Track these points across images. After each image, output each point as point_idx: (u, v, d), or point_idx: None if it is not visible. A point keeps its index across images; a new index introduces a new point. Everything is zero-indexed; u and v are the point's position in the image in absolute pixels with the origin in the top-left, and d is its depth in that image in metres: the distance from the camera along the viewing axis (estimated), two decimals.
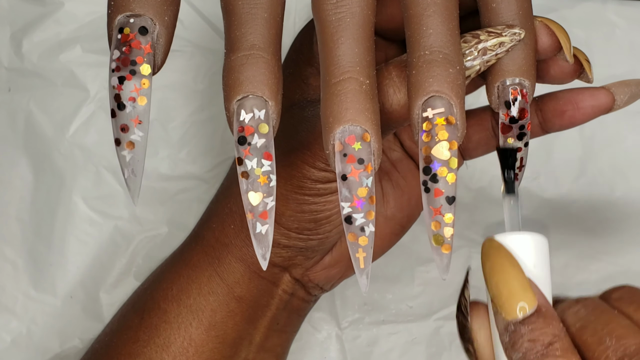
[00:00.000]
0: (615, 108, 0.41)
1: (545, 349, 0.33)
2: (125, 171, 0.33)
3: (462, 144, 0.44)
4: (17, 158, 0.53)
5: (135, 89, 0.32)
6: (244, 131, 0.32)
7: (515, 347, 0.34)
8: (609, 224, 0.55)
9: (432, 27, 0.33)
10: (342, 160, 0.32)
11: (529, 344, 0.34)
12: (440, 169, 0.32)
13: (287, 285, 0.46)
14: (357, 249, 0.33)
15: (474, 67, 0.35)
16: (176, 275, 0.46)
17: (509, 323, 0.34)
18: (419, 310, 0.53)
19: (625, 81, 0.41)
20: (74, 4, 0.54)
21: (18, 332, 0.51)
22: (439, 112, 0.32)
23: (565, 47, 0.37)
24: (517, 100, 0.35)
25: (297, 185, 0.40)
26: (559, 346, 0.33)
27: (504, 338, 0.34)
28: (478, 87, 0.44)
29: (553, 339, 0.34)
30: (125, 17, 0.32)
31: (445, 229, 0.32)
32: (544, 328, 0.34)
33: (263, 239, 0.33)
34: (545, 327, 0.34)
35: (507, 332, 0.34)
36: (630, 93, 0.41)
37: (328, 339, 0.53)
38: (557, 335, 0.34)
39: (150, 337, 0.45)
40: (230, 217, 0.45)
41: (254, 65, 0.33)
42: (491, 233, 0.54)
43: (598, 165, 0.55)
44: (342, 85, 0.33)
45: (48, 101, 0.53)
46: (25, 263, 0.52)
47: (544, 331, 0.34)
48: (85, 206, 0.52)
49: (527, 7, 0.35)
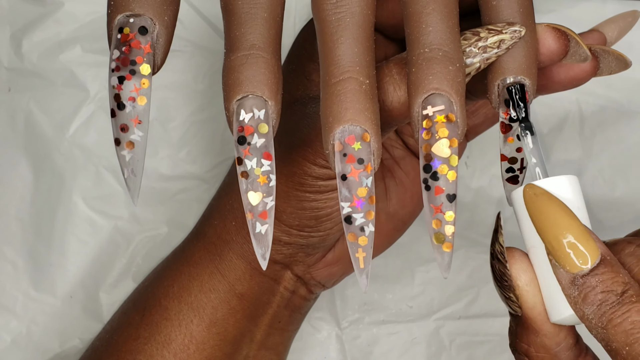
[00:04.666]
0: (607, 45, 0.41)
1: (620, 297, 0.32)
2: (125, 171, 0.33)
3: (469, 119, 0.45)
4: (17, 158, 0.53)
5: (135, 89, 0.32)
6: (243, 131, 0.32)
7: (587, 300, 0.33)
8: (609, 224, 0.55)
9: (431, 25, 0.33)
10: (342, 160, 0.32)
11: (602, 295, 0.33)
12: (441, 166, 0.32)
13: (288, 282, 0.46)
14: (357, 249, 0.33)
15: (474, 64, 0.35)
16: (177, 273, 0.46)
17: (575, 276, 0.33)
18: (419, 310, 0.53)
19: (612, 18, 0.41)
20: (74, 4, 0.54)
21: (18, 332, 0.51)
22: (439, 109, 0.32)
23: (580, 44, 0.37)
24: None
25: (298, 182, 0.40)
26: (633, 292, 0.32)
27: (571, 292, 0.33)
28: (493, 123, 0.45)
29: (625, 287, 0.33)
30: (125, 17, 0.32)
31: (446, 227, 0.32)
32: (614, 277, 0.33)
33: (263, 238, 0.33)
34: (615, 276, 0.33)
35: (574, 286, 0.33)
36: (619, 28, 0.41)
37: (328, 339, 0.53)
38: (628, 282, 0.33)
39: (151, 334, 0.45)
40: (232, 213, 0.45)
41: (253, 65, 0.33)
42: (491, 233, 0.54)
43: (598, 165, 0.55)
44: (341, 85, 0.33)
45: (48, 101, 0.53)
46: (25, 263, 0.52)
47: (615, 280, 0.33)
48: (85, 206, 0.52)
49: (528, 5, 0.35)
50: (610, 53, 0.39)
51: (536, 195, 0.34)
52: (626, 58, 0.40)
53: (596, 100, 0.56)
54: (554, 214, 0.34)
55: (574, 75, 0.38)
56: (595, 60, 0.38)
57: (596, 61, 0.38)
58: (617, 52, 0.39)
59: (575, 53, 0.37)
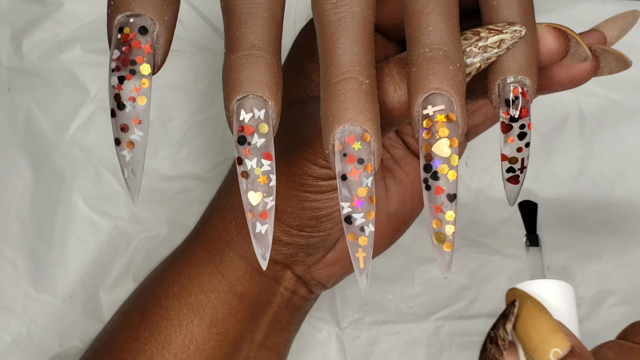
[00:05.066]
0: (607, 45, 0.41)
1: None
2: (125, 171, 0.33)
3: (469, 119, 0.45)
4: (17, 158, 0.53)
5: (135, 89, 0.32)
6: (243, 131, 0.32)
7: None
8: (609, 224, 0.55)
9: (432, 25, 0.33)
10: (342, 160, 0.32)
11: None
12: (441, 166, 0.32)
13: (289, 282, 0.46)
14: (357, 249, 0.33)
15: (474, 64, 0.34)
16: (177, 273, 0.46)
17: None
18: (419, 310, 0.53)
19: (612, 18, 0.41)
20: (74, 4, 0.54)
21: (18, 332, 0.51)
22: (439, 109, 0.32)
23: (580, 43, 0.37)
24: (518, 99, 0.35)
25: (298, 182, 0.40)
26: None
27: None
28: (494, 123, 0.45)
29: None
30: (125, 17, 0.32)
31: (447, 227, 0.32)
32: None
33: (263, 238, 0.33)
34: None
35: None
36: (619, 28, 0.41)
37: (328, 339, 0.53)
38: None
39: (151, 335, 0.45)
40: (232, 213, 0.45)
41: (253, 65, 0.33)
42: (491, 233, 0.54)
43: (598, 165, 0.55)
44: (341, 85, 0.33)
45: (48, 101, 0.53)
46: (25, 263, 0.52)
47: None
48: (85, 206, 0.52)
49: (529, 4, 0.35)
50: (611, 53, 0.39)
51: (515, 295, 0.36)
52: (626, 58, 0.40)
53: (596, 100, 0.56)
54: (527, 310, 0.36)
55: (574, 75, 0.38)
56: (596, 60, 0.38)
57: (596, 61, 0.38)
58: (617, 51, 0.39)
59: (575, 53, 0.37)
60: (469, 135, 0.46)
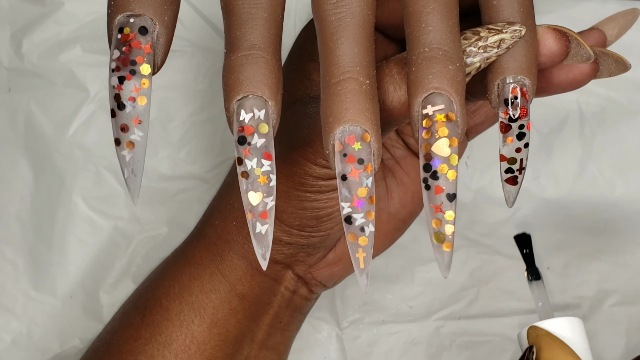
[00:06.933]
0: (608, 44, 0.41)
1: None
2: (125, 171, 0.33)
3: (469, 119, 0.45)
4: (17, 158, 0.53)
5: (135, 89, 0.32)
6: (243, 131, 0.32)
7: None
8: (609, 224, 0.55)
9: (431, 24, 0.33)
10: (342, 160, 0.32)
11: None
12: (441, 165, 0.32)
13: (289, 282, 0.46)
14: (357, 249, 0.33)
15: (474, 64, 0.34)
16: (178, 273, 0.46)
17: None
18: (419, 310, 0.53)
19: (612, 16, 0.41)
20: (74, 4, 0.54)
21: (18, 332, 0.51)
22: (438, 108, 0.32)
23: (582, 44, 0.37)
24: (517, 99, 0.35)
25: (298, 182, 0.40)
26: None
27: None
28: (494, 123, 0.45)
29: None
30: (125, 17, 0.32)
31: (446, 227, 0.32)
32: None
33: (263, 238, 0.33)
34: None
35: None
36: (619, 26, 0.41)
37: (328, 339, 0.53)
38: None
39: (152, 335, 0.45)
40: (233, 213, 0.45)
41: (254, 65, 0.33)
42: (491, 233, 0.54)
43: (598, 165, 0.55)
44: (342, 85, 0.33)
45: (48, 101, 0.53)
46: (25, 263, 0.52)
47: None
48: (85, 206, 0.52)
49: (529, 4, 0.35)
50: (610, 55, 0.39)
51: (542, 337, 0.38)
52: (625, 61, 0.40)
53: (596, 101, 0.56)
54: (557, 354, 0.38)
55: (573, 78, 0.38)
56: (595, 62, 0.38)
57: (596, 63, 0.38)
58: (616, 54, 0.39)
59: (577, 54, 0.37)
60: (469, 135, 0.46)
